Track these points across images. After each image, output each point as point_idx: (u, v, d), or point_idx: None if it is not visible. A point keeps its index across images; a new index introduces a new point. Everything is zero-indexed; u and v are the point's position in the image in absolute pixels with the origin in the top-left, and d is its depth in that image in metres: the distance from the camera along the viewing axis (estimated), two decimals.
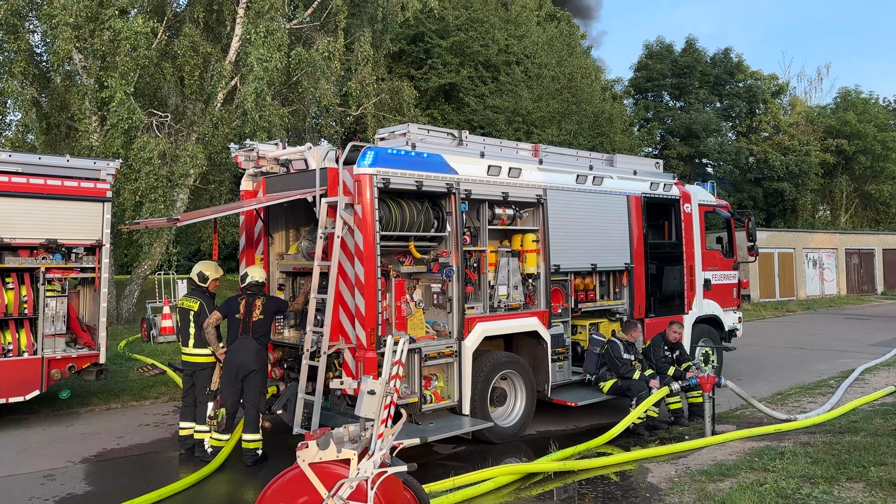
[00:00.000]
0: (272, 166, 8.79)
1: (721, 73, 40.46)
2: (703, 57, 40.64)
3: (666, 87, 40.79)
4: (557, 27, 37.35)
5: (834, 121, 41.74)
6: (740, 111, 41.04)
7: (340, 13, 19.62)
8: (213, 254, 9.73)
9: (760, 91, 41.42)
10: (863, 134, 40.35)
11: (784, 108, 44.91)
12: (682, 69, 39.88)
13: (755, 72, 42.66)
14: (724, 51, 41.28)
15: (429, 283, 8.35)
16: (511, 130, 28.31)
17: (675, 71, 40.07)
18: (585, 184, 9.73)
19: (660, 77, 40.35)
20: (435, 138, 8.88)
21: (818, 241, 34.72)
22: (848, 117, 40.84)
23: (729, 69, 40.80)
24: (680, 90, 40.47)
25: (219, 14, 19.52)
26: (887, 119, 43.27)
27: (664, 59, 40.54)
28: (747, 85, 41.33)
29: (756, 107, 41.52)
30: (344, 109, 22.79)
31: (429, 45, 30.25)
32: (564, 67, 32.30)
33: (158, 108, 18.46)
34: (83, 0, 16.41)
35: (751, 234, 12.50)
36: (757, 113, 41.66)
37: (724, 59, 41.08)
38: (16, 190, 8.90)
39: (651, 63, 40.93)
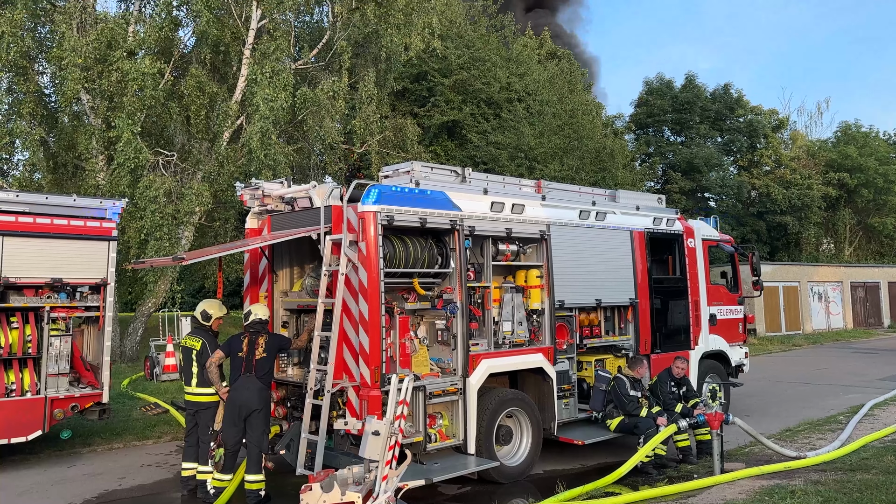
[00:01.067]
0: (277, 204, 8.85)
1: (721, 108, 40.80)
2: (703, 93, 41.03)
3: (666, 123, 41.12)
4: (558, 65, 37.85)
5: (835, 154, 41.94)
6: (741, 146, 41.29)
7: (345, 54, 19.93)
8: (217, 291, 9.73)
9: (761, 126, 41.71)
10: (864, 167, 40.51)
11: (785, 142, 45.18)
12: (682, 105, 40.25)
13: (755, 107, 43.03)
14: (723, 86, 41.69)
15: (433, 320, 8.33)
16: (513, 166, 28.49)
17: (676, 106, 40.43)
18: (588, 219, 9.77)
19: (660, 113, 40.71)
20: (438, 175, 8.94)
21: (823, 274, 34.62)
22: (849, 151, 41.05)
23: (729, 104, 41.15)
24: (681, 125, 40.79)
25: (225, 55, 19.86)
26: (888, 152, 43.49)
27: (664, 95, 40.94)
28: (748, 120, 41.65)
29: (757, 141, 41.77)
30: (348, 147, 23.01)
31: (432, 83, 30.64)
32: (565, 104, 32.64)
33: (165, 146, 18.66)
34: (92, 42, 16.72)
35: (755, 269, 12.48)
36: (758, 147, 41.90)
37: (724, 94, 41.46)
38: (22, 230, 8.96)
39: (651, 99, 41.33)
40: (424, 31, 21.64)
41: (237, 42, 19.56)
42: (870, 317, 36.54)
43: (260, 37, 19.25)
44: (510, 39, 37.19)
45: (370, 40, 21.71)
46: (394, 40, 21.11)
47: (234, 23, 19.45)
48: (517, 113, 30.95)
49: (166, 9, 18.55)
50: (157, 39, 17.96)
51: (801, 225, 39.48)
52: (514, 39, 37.45)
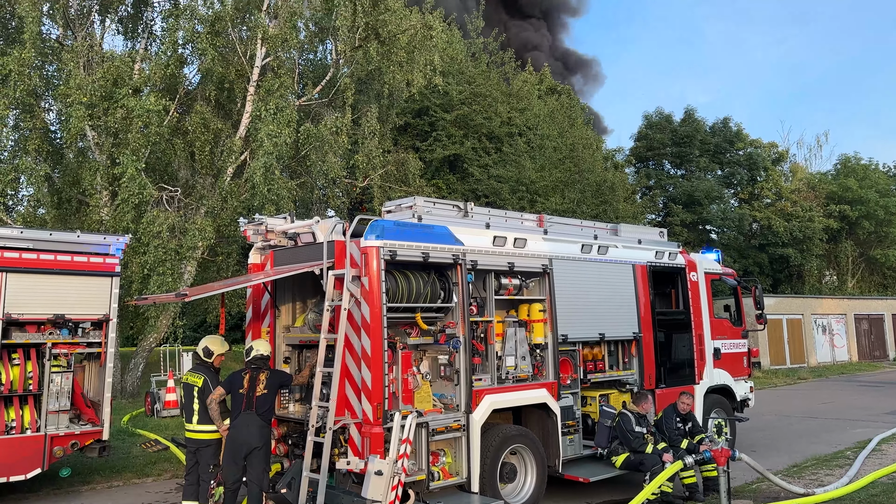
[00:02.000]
0: (280, 240, 8.88)
1: (721, 141, 41.09)
2: (703, 126, 41.36)
3: (666, 156, 41.37)
4: (558, 100, 38.28)
5: (835, 187, 42.09)
6: (742, 178, 41.46)
7: (348, 90, 20.19)
8: (219, 327, 9.70)
9: (761, 158, 41.94)
10: (865, 199, 40.61)
11: (785, 174, 45.36)
12: (681, 138, 40.54)
13: (755, 140, 43.32)
14: (722, 120, 42.04)
15: (436, 355, 8.28)
16: (515, 199, 28.63)
17: (675, 140, 40.73)
18: (591, 253, 9.78)
19: (660, 146, 40.99)
20: (441, 210, 8.97)
21: (826, 306, 34.49)
22: (849, 183, 41.20)
23: (728, 138, 41.45)
24: (681, 158, 41.03)
25: (230, 92, 20.11)
26: (888, 185, 43.63)
27: (664, 128, 41.27)
28: (747, 153, 41.90)
29: (757, 174, 41.96)
30: (351, 181, 23.17)
31: (433, 118, 30.96)
32: (566, 138, 32.92)
33: (169, 182, 18.81)
34: (98, 80, 16.96)
35: (758, 302, 12.43)
36: (758, 180, 42.07)
37: (724, 128, 41.79)
38: (26, 266, 8.98)
39: (651, 133, 41.65)
40: (426, 69, 21.94)
41: (242, 79, 19.83)
42: (874, 349, 36.29)
43: (264, 74, 19.53)
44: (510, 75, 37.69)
45: (373, 77, 22.01)
46: (396, 77, 21.42)
47: (238, 60, 19.74)
48: (518, 147, 31.22)
49: (172, 47, 18.85)
50: (162, 77, 18.22)
51: (803, 257, 39.45)
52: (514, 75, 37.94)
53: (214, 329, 25.65)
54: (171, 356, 19.54)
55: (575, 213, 27.56)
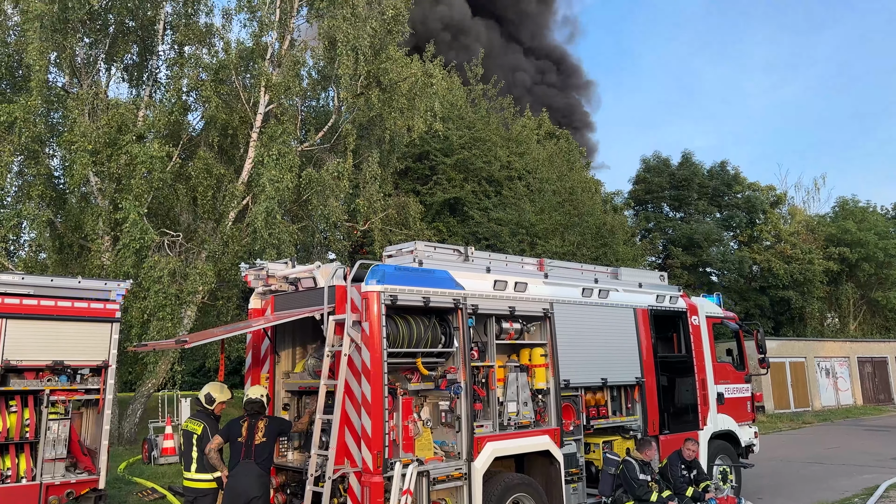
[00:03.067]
0: (281, 285, 8.90)
1: (719, 184, 41.41)
2: (700, 170, 41.72)
3: (665, 199, 41.64)
4: (557, 144, 38.69)
5: (834, 229, 42.24)
6: (740, 221, 41.66)
7: (349, 136, 20.45)
8: (219, 373, 9.64)
9: (759, 201, 42.20)
10: (864, 242, 40.72)
11: (784, 217, 45.57)
12: (679, 182, 40.87)
13: (752, 183, 43.66)
14: (720, 164, 42.44)
15: (437, 401, 8.21)
16: (515, 242, 28.71)
17: (674, 183, 41.05)
18: (591, 297, 9.77)
19: (658, 189, 41.28)
20: (441, 255, 9.01)
21: (829, 349, 34.27)
22: (848, 225, 41.36)
23: (726, 181, 41.78)
24: (679, 201, 41.28)
25: (233, 138, 20.37)
26: (887, 227, 43.78)
27: (662, 172, 41.63)
28: (746, 196, 42.18)
29: (756, 217, 42.17)
30: (352, 225, 23.28)
31: (434, 162, 31.25)
32: (565, 181, 33.18)
33: (171, 226, 18.90)
34: (102, 127, 17.19)
35: (760, 346, 12.37)
36: (757, 223, 42.25)
37: (721, 171, 42.16)
38: (26, 312, 8.97)
39: (649, 176, 42.00)
40: (427, 114, 22.25)
41: (245, 125, 20.10)
42: (879, 393, 35.93)
43: (267, 120, 19.81)
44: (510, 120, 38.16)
45: (374, 123, 22.30)
46: (397, 123, 21.71)
47: (242, 107, 20.05)
48: (518, 190, 31.44)
49: (176, 94, 19.17)
50: (166, 123, 18.49)
51: (804, 300, 39.37)
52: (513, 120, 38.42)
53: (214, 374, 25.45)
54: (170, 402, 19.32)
55: (575, 256, 27.62)
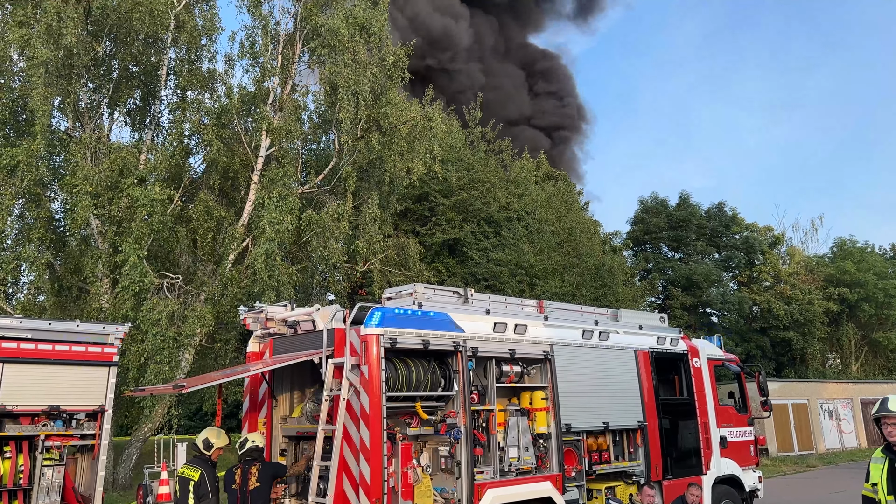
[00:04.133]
0: (280, 328, 8.87)
1: (717, 225, 41.58)
2: (698, 211, 41.94)
3: (663, 240, 41.76)
4: (555, 186, 39.00)
5: (833, 270, 42.27)
6: (739, 262, 41.71)
7: (350, 178, 20.61)
8: (216, 417, 9.54)
9: (757, 242, 42.32)
10: (863, 282, 40.72)
11: (782, 257, 45.64)
12: (677, 222, 41.05)
13: (750, 224, 43.84)
14: (717, 205, 42.66)
15: (436, 446, 8.11)
16: (514, 283, 28.70)
17: (672, 224, 41.23)
18: (592, 339, 9.74)
19: (656, 230, 41.44)
20: (441, 297, 9.00)
21: (832, 391, 33.98)
22: (847, 266, 41.41)
23: (724, 222, 41.97)
24: (678, 242, 41.40)
25: (234, 181, 20.52)
26: (885, 267, 43.83)
27: (659, 213, 41.84)
28: (744, 237, 42.32)
29: (755, 257, 42.24)
30: (351, 266, 23.29)
31: (433, 203, 31.44)
32: (563, 222, 33.34)
33: (170, 269, 18.90)
34: (104, 170, 17.34)
35: (762, 389, 12.28)
36: (756, 263, 42.30)
37: (719, 212, 42.37)
38: (23, 356, 8.92)
39: (647, 217, 42.20)
40: (426, 157, 22.46)
41: (246, 168, 20.27)
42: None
43: (268, 163, 19.99)
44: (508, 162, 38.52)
45: (374, 165, 22.50)
46: (397, 165, 21.90)
47: (243, 151, 20.25)
48: (517, 231, 31.56)
49: (178, 138, 19.37)
50: (167, 167, 18.64)
51: (805, 340, 39.18)
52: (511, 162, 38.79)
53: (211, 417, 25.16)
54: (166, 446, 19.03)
55: (575, 297, 27.57)
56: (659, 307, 38.69)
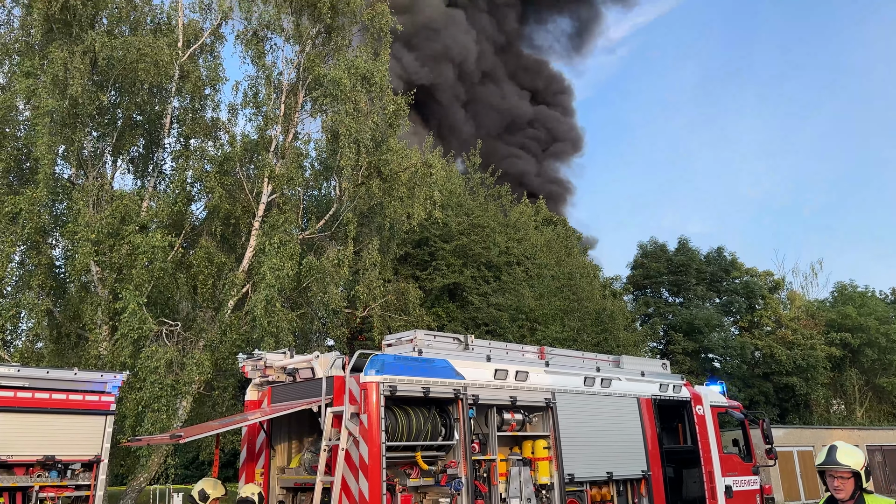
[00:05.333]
0: (279, 375, 8.81)
1: (716, 270, 41.60)
2: (697, 255, 42.01)
3: (664, 284, 41.72)
4: (554, 230, 39.16)
5: (834, 314, 42.12)
6: (740, 307, 41.59)
7: (350, 224, 20.71)
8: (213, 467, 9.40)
9: (758, 287, 42.27)
10: (865, 327, 40.53)
11: (783, 302, 45.53)
12: (677, 267, 41.07)
13: (750, 269, 43.85)
14: (716, 249, 42.76)
15: (437, 497, 7.97)
16: (515, 328, 28.57)
17: (671, 269, 41.25)
18: (594, 386, 9.67)
19: (656, 275, 41.44)
20: (441, 343, 8.98)
21: (837, 437, 33.41)
22: (848, 311, 41.27)
23: (724, 266, 42.00)
24: (678, 287, 41.36)
25: (235, 227, 20.60)
26: (887, 312, 43.68)
27: (659, 258, 41.91)
28: (744, 281, 42.30)
29: (755, 302, 42.14)
30: (351, 311, 23.22)
31: (433, 248, 31.51)
32: (563, 267, 33.36)
33: (169, 315, 18.83)
34: (106, 217, 17.43)
35: (767, 436, 12.12)
36: (757, 308, 42.18)
37: (718, 257, 42.44)
38: (20, 405, 8.84)
39: (647, 262, 42.24)
40: (426, 202, 22.60)
41: (247, 215, 20.37)
42: (891, 482, 34.82)
43: (269, 210, 20.10)
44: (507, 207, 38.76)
45: (375, 211, 22.63)
46: (397, 211, 22.03)
47: (245, 197, 20.38)
48: (516, 276, 31.56)
49: (180, 185, 19.53)
50: (169, 214, 18.73)
51: (808, 386, 38.79)
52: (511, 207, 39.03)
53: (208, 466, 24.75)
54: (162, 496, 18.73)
55: (576, 342, 27.42)
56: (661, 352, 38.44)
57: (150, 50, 18.30)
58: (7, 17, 19.46)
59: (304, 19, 21.12)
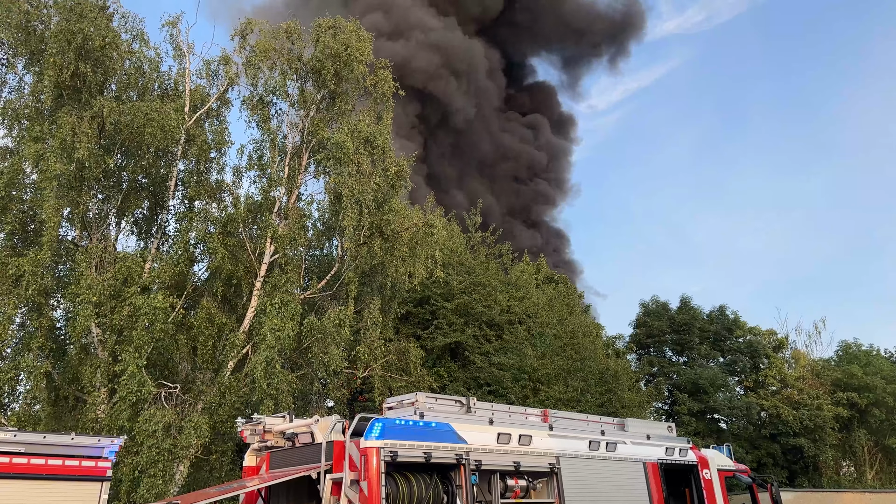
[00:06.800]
0: (278, 440, 8.69)
1: (719, 329, 41.36)
2: (700, 314, 41.81)
3: (667, 343, 41.42)
4: (556, 289, 39.12)
5: (840, 373, 41.65)
6: (744, 366, 41.18)
7: (352, 284, 20.77)
8: None
9: (761, 346, 41.94)
10: (871, 387, 40.03)
11: (788, 361, 45.09)
12: (680, 326, 40.85)
13: (753, 327, 43.57)
14: (719, 308, 42.58)
15: None
16: (518, 388, 28.24)
17: (674, 328, 41.02)
18: (599, 450, 9.52)
19: (659, 333, 41.19)
20: (443, 406, 8.89)
21: (848, 501, 32.66)
22: (853, 370, 40.83)
23: (727, 325, 41.77)
24: (681, 346, 41.04)
25: (236, 287, 20.65)
26: (893, 371, 43.19)
27: (661, 316, 41.72)
28: (747, 340, 42.00)
29: (759, 361, 41.73)
30: (352, 371, 23.04)
31: (434, 306, 31.43)
32: (565, 325, 33.20)
33: (168, 377, 18.70)
34: (108, 279, 17.49)
35: (776, 500, 11.86)
36: (761, 367, 41.76)
37: (721, 315, 42.25)
38: (15, 472, 8.68)
39: (649, 320, 42.04)
40: (428, 262, 22.72)
41: (249, 275, 20.45)
42: None
43: (271, 270, 20.19)
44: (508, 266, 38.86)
45: (376, 270, 22.72)
46: (399, 270, 22.11)
47: (247, 257, 20.50)
48: (518, 335, 31.37)
49: (183, 247, 19.66)
50: (171, 275, 18.80)
51: (817, 447, 38.04)
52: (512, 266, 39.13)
53: None
54: None
55: (580, 403, 27.09)
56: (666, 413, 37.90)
57: (157, 115, 18.71)
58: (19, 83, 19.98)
59: (308, 85, 21.68)
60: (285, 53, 21.63)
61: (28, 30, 19.20)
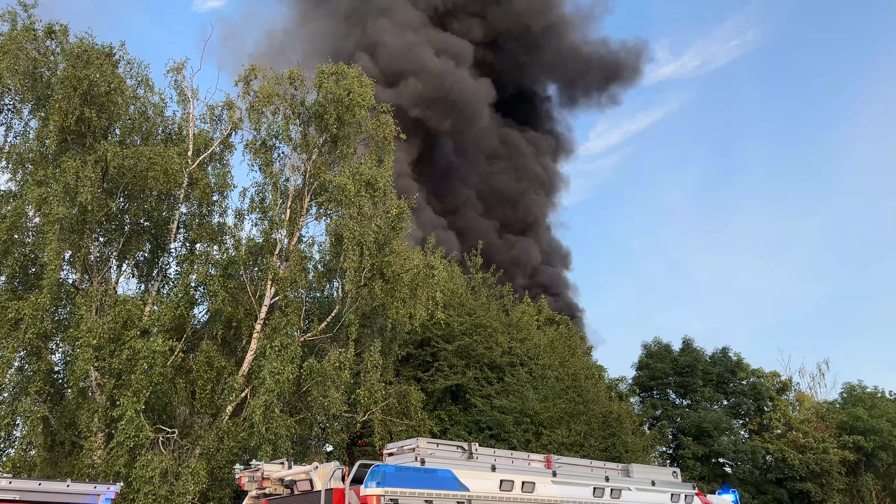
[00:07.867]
0: (276, 487, 8.56)
1: (722, 371, 41.04)
2: (703, 356, 41.52)
3: (670, 385, 41.05)
4: (557, 330, 38.95)
5: (845, 416, 41.16)
6: (748, 409, 40.72)
7: (352, 325, 20.70)
8: None
9: (765, 388, 41.54)
10: (878, 429, 39.53)
11: (792, 404, 44.60)
12: (683, 368, 40.54)
13: (756, 370, 43.21)
14: (721, 350, 42.31)
15: None
16: (520, 432, 27.88)
17: (677, 370, 40.70)
18: (603, 497, 9.36)
19: (662, 376, 40.85)
20: (444, 452, 8.78)
21: None
22: (859, 412, 40.36)
23: (730, 367, 41.44)
24: (685, 388, 40.66)
25: (236, 330, 20.57)
26: None
27: (664, 358, 41.43)
28: (751, 383, 41.63)
29: (763, 404, 41.28)
30: (351, 415, 22.79)
31: (435, 348, 31.25)
32: (567, 367, 32.95)
33: (166, 422, 18.49)
34: (108, 322, 17.43)
35: None
36: (765, 410, 41.30)
37: (723, 357, 41.95)
38: None
39: (651, 362, 41.74)
40: (428, 303, 22.67)
41: (249, 317, 20.39)
42: None
43: (272, 312, 20.13)
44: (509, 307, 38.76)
45: (377, 312, 22.67)
46: (399, 312, 22.06)
47: (247, 300, 20.46)
48: (520, 377, 31.11)
49: (184, 289, 19.65)
50: (171, 318, 18.74)
51: (824, 492, 37.34)
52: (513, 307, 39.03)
53: None
54: None
55: (583, 447, 26.71)
56: (670, 457, 37.33)
57: (161, 159, 18.90)
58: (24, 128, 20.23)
59: (311, 130, 21.95)
60: (288, 98, 21.96)
61: (35, 76, 19.53)
